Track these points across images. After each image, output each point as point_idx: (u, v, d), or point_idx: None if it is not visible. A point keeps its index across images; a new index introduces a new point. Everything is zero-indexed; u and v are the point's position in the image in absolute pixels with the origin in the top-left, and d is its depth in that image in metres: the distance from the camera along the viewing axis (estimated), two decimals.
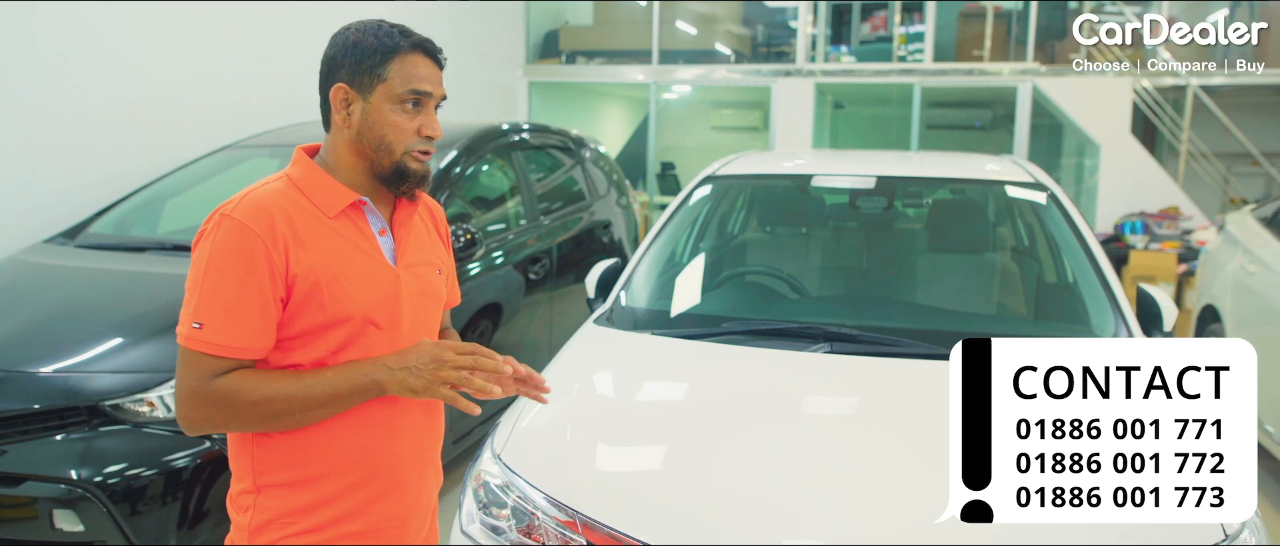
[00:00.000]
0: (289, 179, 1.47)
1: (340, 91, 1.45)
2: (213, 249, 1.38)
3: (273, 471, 1.45)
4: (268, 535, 1.45)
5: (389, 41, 1.44)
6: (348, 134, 1.46)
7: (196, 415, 1.37)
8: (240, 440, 1.48)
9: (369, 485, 1.49)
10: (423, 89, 1.45)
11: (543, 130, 5.53)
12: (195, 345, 1.36)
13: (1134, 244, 7.86)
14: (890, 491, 1.85)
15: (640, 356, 2.55)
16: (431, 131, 1.47)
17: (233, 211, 1.39)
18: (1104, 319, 2.59)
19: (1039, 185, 3.20)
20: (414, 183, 1.49)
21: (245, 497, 1.48)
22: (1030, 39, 9.41)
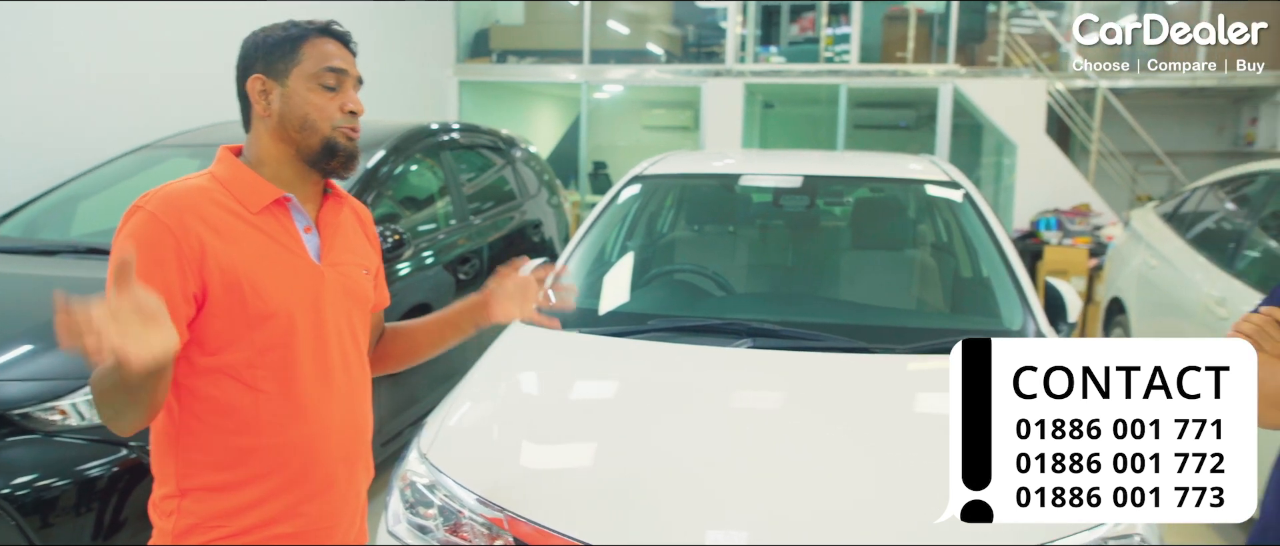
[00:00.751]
0: (212, 176, 1.47)
1: (257, 82, 1.46)
2: (123, 242, 1.37)
3: (197, 474, 1.43)
4: (193, 539, 1.43)
5: (296, 28, 1.48)
6: (270, 122, 1.46)
7: (97, 407, 1.30)
8: (163, 442, 1.45)
9: (298, 487, 1.48)
10: (337, 66, 1.48)
11: (473, 130, 5.51)
12: None
13: (1048, 240, 8.17)
14: (813, 481, 1.91)
15: (567, 354, 2.58)
16: (354, 106, 1.49)
17: (145, 204, 1.39)
18: (1013, 311, 2.71)
19: (955, 184, 3.32)
20: (344, 159, 1.49)
21: (169, 502, 1.45)
22: (951, 41, 9.70)
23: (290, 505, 1.48)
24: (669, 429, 2.10)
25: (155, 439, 1.48)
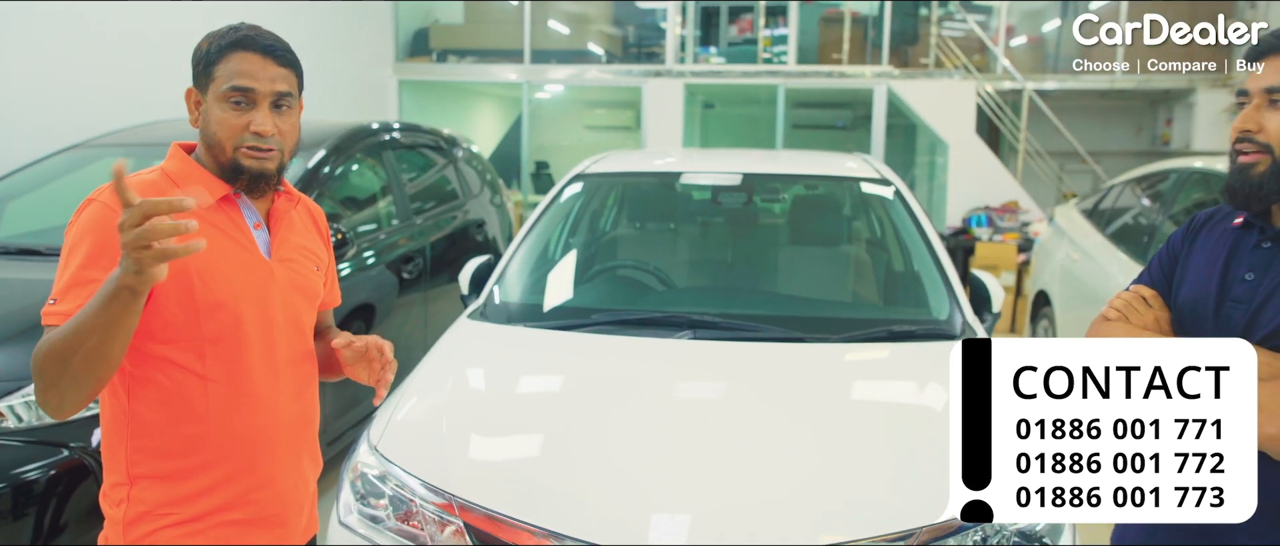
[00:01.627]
0: (163, 171, 1.50)
1: (191, 94, 1.50)
2: (76, 231, 1.40)
3: (146, 462, 1.45)
4: (144, 526, 1.45)
5: (221, 42, 1.47)
6: (200, 133, 1.51)
7: (36, 389, 1.31)
8: (113, 431, 1.47)
9: (247, 475, 1.51)
10: (243, 84, 1.45)
11: (414, 129, 5.50)
12: (48, 319, 1.35)
13: (979, 236, 8.45)
14: (752, 466, 1.99)
15: (513, 347, 2.63)
16: (259, 128, 1.46)
17: (99, 196, 1.42)
18: (941, 303, 2.84)
19: (885, 181, 3.45)
20: (250, 178, 1.49)
21: (118, 490, 1.47)
22: (885, 44, 9.95)
23: (240, 493, 1.51)
24: (614, 418, 2.17)
25: (105, 428, 1.50)
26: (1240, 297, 1.43)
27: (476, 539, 1.84)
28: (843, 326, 2.71)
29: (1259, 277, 1.42)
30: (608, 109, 13.29)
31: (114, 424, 1.48)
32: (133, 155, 4.30)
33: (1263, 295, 1.40)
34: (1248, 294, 1.43)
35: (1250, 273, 1.44)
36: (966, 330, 2.68)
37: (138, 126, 4.71)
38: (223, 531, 1.50)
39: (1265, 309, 1.40)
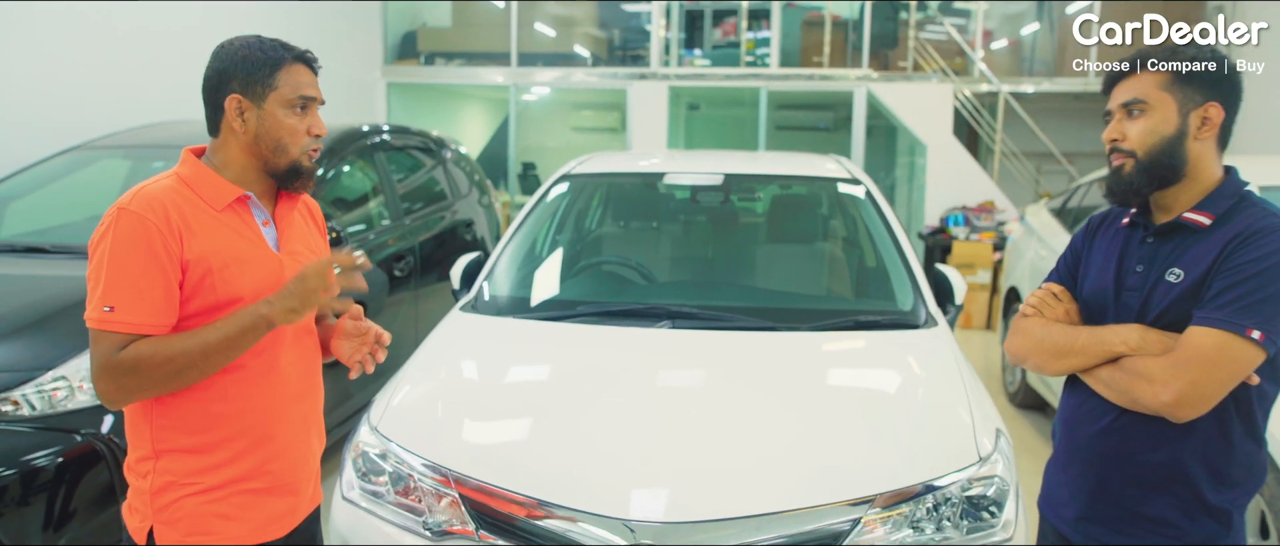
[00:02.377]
0: (178, 177, 1.64)
1: (234, 101, 1.62)
2: (114, 240, 1.53)
3: (171, 437, 1.61)
4: (169, 495, 1.61)
5: (275, 54, 1.63)
6: (244, 138, 1.63)
7: (112, 387, 1.51)
8: (138, 411, 1.62)
9: (263, 447, 1.66)
10: (309, 94, 1.65)
11: (403, 131, 5.64)
12: (108, 326, 1.50)
13: (956, 235, 8.65)
14: (727, 444, 2.14)
15: (503, 337, 2.79)
16: (319, 131, 1.67)
17: (129, 205, 1.55)
18: (906, 295, 3.01)
19: (856, 181, 3.63)
20: (307, 177, 1.69)
21: (144, 463, 1.62)
22: (865, 47, 10.15)
23: (257, 464, 1.67)
24: (598, 400, 2.33)
25: (129, 410, 1.65)
26: (1134, 287, 1.65)
27: (472, 509, 2.00)
28: (813, 316, 2.88)
29: (1147, 269, 1.64)
30: (594, 111, 13.43)
31: (139, 404, 1.63)
32: (131, 157, 4.44)
33: (1150, 284, 1.63)
34: (1139, 284, 1.65)
35: (1140, 265, 1.66)
36: (929, 320, 2.86)
37: (136, 128, 4.84)
38: (240, 499, 1.66)
39: (1153, 296, 1.62)
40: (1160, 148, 1.60)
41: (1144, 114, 1.62)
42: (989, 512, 2.04)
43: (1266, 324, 1.49)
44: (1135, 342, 1.60)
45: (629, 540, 1.86)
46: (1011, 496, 2.08)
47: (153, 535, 1.62)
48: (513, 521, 1.95)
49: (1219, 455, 1.59)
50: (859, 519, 1.93)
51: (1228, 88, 1.61)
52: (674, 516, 1.88)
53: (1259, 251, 1.52)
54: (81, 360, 2.83)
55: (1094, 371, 1.67)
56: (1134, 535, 1.64)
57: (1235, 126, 1.66)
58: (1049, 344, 1.72)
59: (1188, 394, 1.51)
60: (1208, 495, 1.59)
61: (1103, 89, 1.71)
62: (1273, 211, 1.57)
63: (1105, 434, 1.67)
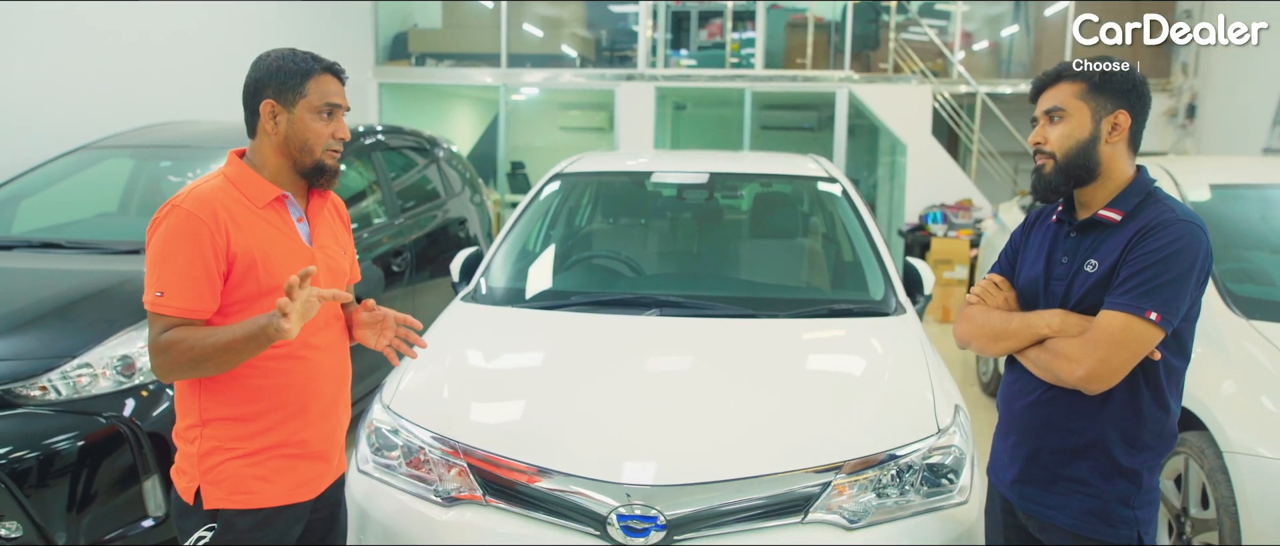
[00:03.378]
0: (225, 177, 1.84)
1: (268, 106, 1.82)
2: (167, 233, 1.74)
3: (216, 408, 1.81)
4: (214, 458, 1.81)
5: (306, 65, 1.84)
6: (275, 139, 1.84)
7: (157, 362, 1.73)
8: (187, 385, 1.83)
9: (299, 417, 1.86)
10: (335, 101, 1.86)
11: (397, 131, 5.81)
12: (159, 308, 1.72)
13: (935, 232, 8.89)
14: (711, 421, 2.34)
15: (503, 324, 2.99)
16: (342, 134, 1.88)
17: (182, 203, 1.76)
18: (877, 285, 3.23)
19: (833, 180, 3.84)
20: (330, 174, 1.89)
21: (192, 430, 1.82)
22: (847, 49, 10.38)
23: (292, 433, 1.87)
24: (592, 379, 2.53)
25: (179, 384, 1.85)
26: (1060, 277, 1.87)
27: (479, 477, 2.19)
28: (791, 305, 3.09)
29: (1070, 260, 1.86)
30: (582, 111, 13.60)
31: (188, 382, 1.83)
32: (136, 156, 4.61)
33: (1072, 273, 1.84)
34: (1064, 273, 1.86)
35: (1065, 257, 1.87)
36: (898, 309, 3.07)
37: (142, 128, 5.00)
38: (277, 463, 1.86)
39: (1074, 284, 1.84)
40: (1076, 150, 1.80)
41: (1063, 120, 1.82)
42: (947, 479, 2.25)
43: (1163, 307, 1.69)
44: (1057, 325, 1.81)
45: (623, 501, 2.07)
46: (968, 464, 2.29)
47: (200, 494, 1.81)
48: (517, 487, 2.15)
49: (1131, 423, 1.79)
50: (829, 483, 2.14)
51: (1135, 98, 1.82)
52: (663, 480, 2.09)
53: (1157, 242, 1.72)
54: (103, 348, 3.01)
55: (1025, 352, 1.87)
56: (1059, 494, 1.85)
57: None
58: (988, 329, 1.93)
59: (1098, 370, 1.72)
60: (1120, 458, 1.80)
61: (1030, 97, 1.92)
62: (1172, 207, 1.78)
63: (1035, 406, 1.88)
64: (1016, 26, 11.25)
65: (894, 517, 2.16)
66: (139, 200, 4.43)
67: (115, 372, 2.99)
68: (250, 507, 1.83)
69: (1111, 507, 1.81)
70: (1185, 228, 1.73)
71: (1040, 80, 1.89)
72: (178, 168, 4.48)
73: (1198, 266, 1.73)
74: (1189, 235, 1.72)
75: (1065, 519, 1.85)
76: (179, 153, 4.58)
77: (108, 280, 3.36)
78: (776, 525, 2.10)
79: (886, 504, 2.17)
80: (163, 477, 2.97)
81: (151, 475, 2.96)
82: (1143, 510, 1.82)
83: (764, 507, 2.10)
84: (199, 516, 1.83)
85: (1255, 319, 3.09)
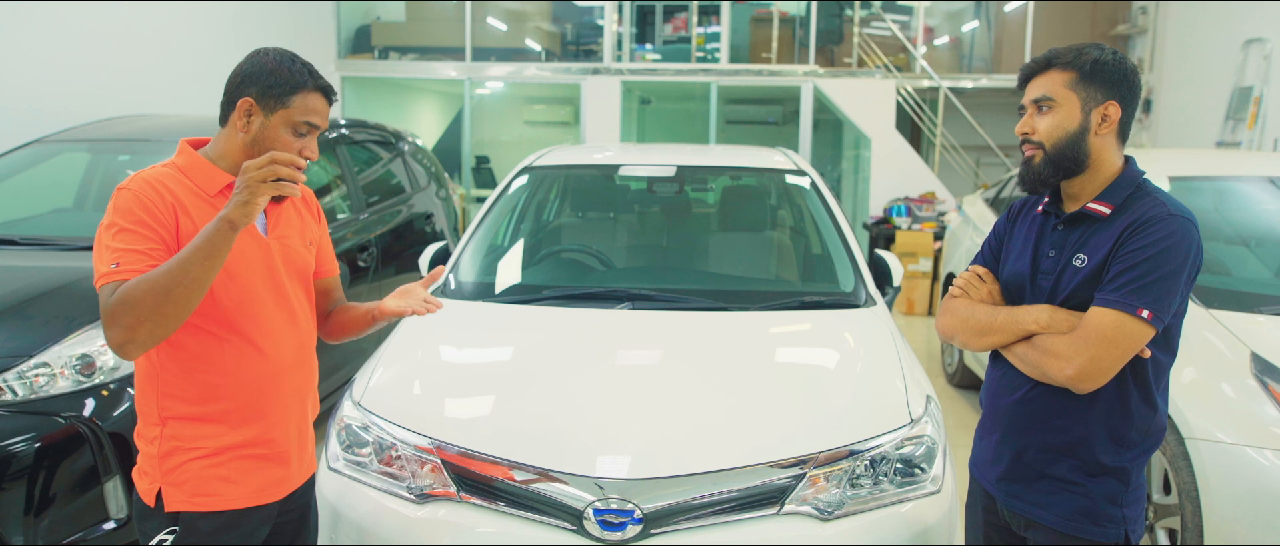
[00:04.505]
0: (174, 166, 1.79)
1: (247, 104, 1.76)
2: (115, 210, 1.67)
3: (174, 406, 1.76)
4: (175, 459, 1.76)
5: (298, 78, 1.76)
6: (243, 138, 1.77)
7: (114, 332, 1.59)
8: (145, 382, 1.77)
9: (259, 419, 1.81)
10: (314, 122, 1.78)
11: (361, 125, 5.74)
12: (113, 277, 1.61)
13: (899, 225, 8.98)
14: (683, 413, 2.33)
15: (474, 319, 2.96)
16: (310, 154, 1.79)
17: (127, 185, 1.70)
18: (848, 278, 3.25)
19: (802, 173, 3.86)
20: (285, 193, 1.79)
21: (152, 430, 1.77)
22: (812, 43, 10.44)
23: (256, 434, 1.82)
24: (565, 373, 2.51)
25: (138, 380, 1.80)
26: (1047, 271, 1.83)
27: (453, 474, 2.17)
28: (762, 298, 3.10)
29: (1058, 254, 1.82)
30: (546, 105, 13.54)
31: (146, 377, 1.78)
32: (93, 150, 4.50)
33: (1060, 268, 1.80)
34: (1051, 267, 1.82)
35: (1052, 250, 1.83)
36: (868, 300, 3.09)
37: (98, 122, 4.89)
38: (240, 464, 1.81)
39: (1062, 279, 1.79)
40: (1065, 141, 1.75)
41: (1051, 110, 1.77)
42: (920, 469, 2.27)
43: (1155, 304, 1.65)
44: (1045, 321, 1.76)
45: (598, 496, 2.05)
46: (940, 454, 2.31)
47: (161, 496, 1.76)
48: (491, 483, 2.13)
49: (1119, 421, 1.76)
50: (804, 474, 2.14)
51: (1125, 88, 1.77)
52: (638, 474, 2.08)
53: (1149, 238, 1.67)
54: (62, 346, 2.94)
55: (1011, 347, 1.82)
56: (1046, 492, 1.83)
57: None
58: (973, 322, 1.89)
59: (1088, 368, 1.67)
60: (1107, 456, 1.77)
61: (1017, 84, 1.87)
62: (1163, 201, 1.74)
63: (1021, 403, 1.84)
64: (977, 22, 11.39)
65: (867, 508, 2.17)
66: (96, 195, 4.33)
67: (74, 372, 2.92)
68: (213, 510, 1.77)
69: (1099, 506, 1.78)
70: (1177, 223, 1.68)
71: (1028, 68, 1.83)
72: (136, 162, 4.38)
73: (1190, 262, 1.69)
74: (1181, 230, 1.68)
75: (1052, 518, 1.81)
76: (137, 146, 4.48)
77: (65, 277, 3.28)
78: (752, 518, 2.10)
79: (860, 494, 2.19)
80: (125, 479, 2.90)
81: (113, 476, 2.89)
82: (1131, 508, 1.80)
83: (739, 500, 2.10)
84: (160, 519, 1.77)
85: (1214, 308, 3.16)
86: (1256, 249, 3.80)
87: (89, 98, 5.94)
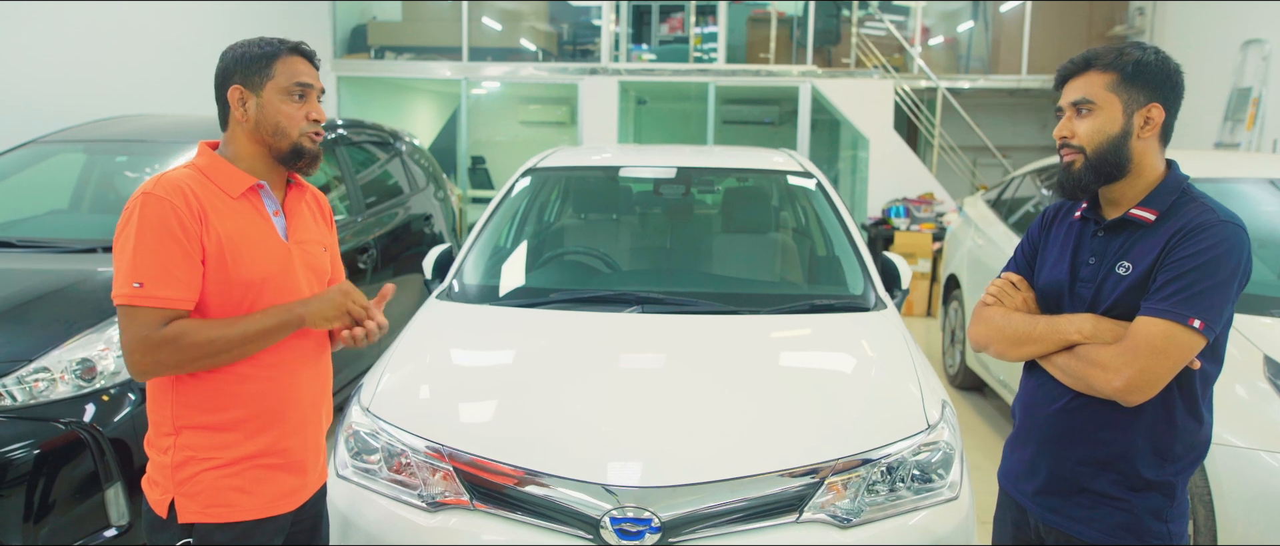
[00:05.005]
0: (194, 167, 1.75)
1: (236, 92, 1.75)
2: (140, 222, 1.63)
3: (190, 415, 1.72)
4: (189, 469, 1.71)
5: (271, 48, 1.76)
6: (247, 126, 1.76)
7: (147, 360, 1.61)
8: (159, 390, 1.73)
9: (275, 427, 1.78)
10: (305, 81, 1.77)
11: (359, 125, 5.69)
12: (138, 301, 1.60)
13: (898, 226, 8.97)
14: (694, 419, 2.30)
15: (481, 322, 2.92)
16: (318, 115, 1.79)
17: (153, 190, 1.66)
18: (857, 281, 3.22)
19: (808, 174, 3.83)
20: (309, 159, 1.80)
21: (165, 439, 1.73)
22: (809, 43, 10.42)
23: (271, 442, 1.78)
24: (575, 378, 2.47)
25: (151, 388, 1.76)
26: (1087, 279, 1.77)
27: (465, 481, 2.13)
28: (773, 301, 3.07)
29: (1099, 262, 1.76)
30: (542, 105, 13.50)
31: (160, 385, 1.74)
32: (89, 151, 4.45)
33: (1102, 276, 1.74)
34: (1092, 275, 1.76)
35: (1093, 257, 1.77)
36: (878, 303, 3.06)
37: (94, 122, 4.83)
38: (255, 473, 1.77)
39: (1104, 287, 1.73)
40: (1106, 146, 1.69)
41: (1092, 113, 1.70)
42: (937, 475, 2.24)
43: (1207, 313, 1.58)
44: (1089, 331, 1.69)
45: (613, 503, 2.02)
46: (957, 460, 2.29)
47: (174, 507, 1.72)
48: (506, 491, 2.10)
49: (1163, 435, 1.70)
50: (821, 482, 2.11)
51: (1169, 89, 1.69)
52: (654, 481, 2.05)
53: (1199, 246, 1.60)
54: (62, 351, 2.89)
55: (1050, 357, 1.75)
56: (1085, 507, 1.77)
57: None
58: (1009, 331, 1.82)
59: (1137, 380, 1.60)
60: (1151, 471, 1.71)
61: (1054, 85, 1.81)
62: (1211, 207, 1.67)
63: (1061, 414, 1.77)
64: (973, 22, 11.39)
65: (886, 515, 2.14)
66: (92, 196, 4.28)
67: (74, 377, 2.87)
68: (229, 521, 1.74)
69: (1144, 521, 1.72)
70: (1228, 229, 1.62)
71: (1066, 69, 1.77)
72: (134, 163, 4.33)
73: (1241, 270, 1.63)
74: (1232, 237, 1.62)
75: (1094, 533, 1.75)
76: (135, 147, 4.43)
77: (63, 280, 3.23)
78: (771, 525, 2.07)
79: (877, 501, 2.16)
80: (126, 485, 2.85)
81: (114, 483, 2.85)
82: (1175, 523, 1.74)
83: (757, 507, 2.07)
84: (173, 530, 1.73)
85: None
86: (1260, 252, 3.79)
87: (85, 98, 5.89)
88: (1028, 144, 11.22)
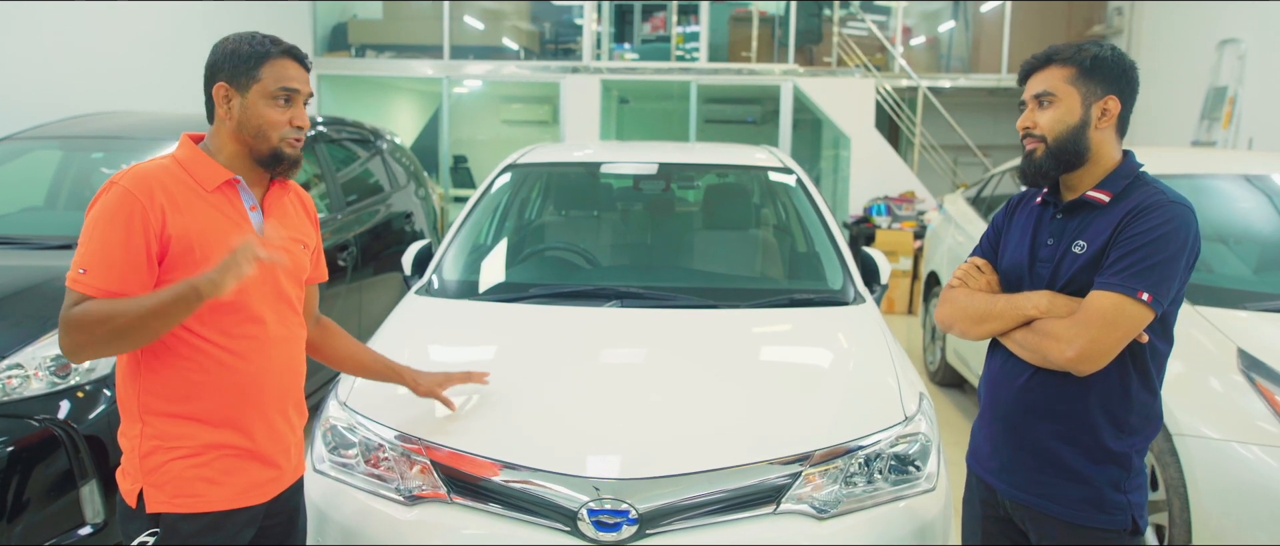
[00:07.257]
0: (174, 158, 1.75)
1: (221, 89, 1.74)
2: (100, 209, 1.65)
3: (155, 403, 1.71)
4: (156, 458, 1.71)
5: (262, 48, 1.75)
6: (229, 124, 1.75)
7: (65, 340, 1.61)
8: (125, 378, 1.73)
9: (242, 420, 1.77)
10: (292, 86, 1.76)
11: (340, 123, 5.66)
12: (78, 286, 1.62)
13: (879, 224, 9.01)
14: (673, 413, 2.31)
15: (462, 317, 2.92)
16: (300, 122, 1.78)
17: (120, 179, 1.66)
18: (836, 276, 3.23)
19: (788, 170, 3.84)
20: (288, 165, 1.79)
21: (133, 427, 1.73)
22: (790, 43, 10.45)
23: (242, 429, 1.77)
24: (556, 372, 2.47)
25: (119, 376, 1.76)
26: (1046, 258, 1.86)
27: (443, 475, 2.13)
28: (753, 295, 3.08)
29: (1057, 242, 1.85)
30: (524, 104, 13.48)
31: (127, 373, 1.74)
32: (66, 148, 4.40)
33: (1059, 255, 1.83)
34: (1050, 255, 1.85)
35: (1051, 238, 1.86)
36: (857, 298, 3.08)
37: (70, 119, 4.78)
38: (223, 464, 1.76)
39: (1061, 265, 1.82)
40: (1066, 135, 1.79)
41: (1052, 104, 1.80)
42: (914, 466, 2.26)
43: (1155, 287, 1.69)
44: (1045, 306, 1.79)
45: (593, 496, 2.02)
46: (934, 451, 2.30)
47: (143, 497, 1.71)
48: (483, 484, 2.09)
49: (1118, 405, 1.78)
50: (799, 473, 2.12)
51: (1125, 83, 1.81)
52: (632, 473, 2.05)
53: (1149, 224, 1.71)
54: (35, 347, 2.86)
55: (1010, 334, 1.85)
56: (1049, 482, 1.83)
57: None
58: (972, 310, 1.91)
59: (1088, 350, 1.70)
60: (1109, 442, 1.79)
61: (1018, 80, 1.90)
62: (1161, 189, 1.77)
63: (1023, 391, 1.85)
64: (954, 22, 11.46)
65: (864, 506, 2.15)
66: (68, 193, 4.23)
67: (49, 373, 2.84)
68: (195, 511, 1.73)
69: (1105, 493, 1.79)
70: (1177, 209, 1.72)
71: (1029, 64, 1.87)
72: (110, 159, 4.29)
73: (1189, 248, 1.72)
74: (1180, 216, 1.71)
75: (1059, 508, 1.82)
76: (111, 143, 4.38)
77: (37, 276, 3.19)
78: (748, 517, 2.07)
79: (855, 493, 2.17)
80: (101, 483, 2.83)
81: (89, 480, 2.82)
82: (1134, 494, 1.81)
83: (735, 499, 2.07)
84: (141, 520, 1.73)
85: (1199, 304, 3.18)
86: (1235, 246, 3.84)
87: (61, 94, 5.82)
88: (1008, 142, 11.30)
